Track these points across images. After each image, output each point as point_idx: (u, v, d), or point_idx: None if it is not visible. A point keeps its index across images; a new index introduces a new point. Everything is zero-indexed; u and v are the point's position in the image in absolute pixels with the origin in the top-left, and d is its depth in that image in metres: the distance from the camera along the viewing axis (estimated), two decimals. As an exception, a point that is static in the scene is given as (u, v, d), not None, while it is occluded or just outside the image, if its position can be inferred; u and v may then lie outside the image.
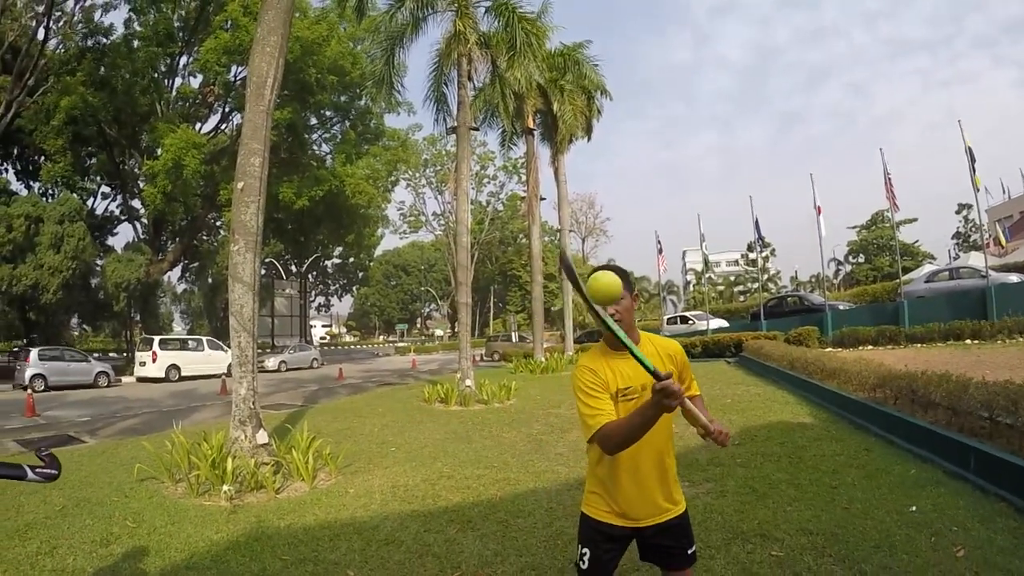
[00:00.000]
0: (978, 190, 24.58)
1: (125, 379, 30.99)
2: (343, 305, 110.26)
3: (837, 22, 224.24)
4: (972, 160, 23.29)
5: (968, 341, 20.48)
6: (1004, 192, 63.52)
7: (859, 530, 5.23)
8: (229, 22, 35.87)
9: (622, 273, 2.68)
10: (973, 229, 64.95)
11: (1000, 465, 5.96)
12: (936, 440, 7.27)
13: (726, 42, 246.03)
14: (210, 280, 54.70)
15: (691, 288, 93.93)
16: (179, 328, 78.27)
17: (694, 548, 2.79)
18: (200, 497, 7.36)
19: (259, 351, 31.40)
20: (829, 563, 4.62)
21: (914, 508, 5.67)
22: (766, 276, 77.86)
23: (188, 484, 7.64)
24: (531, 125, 28.77)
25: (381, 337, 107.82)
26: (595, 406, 2.55)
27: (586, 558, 2.74)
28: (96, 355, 37.17)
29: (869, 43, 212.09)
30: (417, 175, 63.70)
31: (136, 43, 37.91)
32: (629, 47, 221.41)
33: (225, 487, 7.28)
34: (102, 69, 36.59)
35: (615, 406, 2.59)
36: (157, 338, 31.60)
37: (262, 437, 8.88)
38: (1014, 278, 24.74)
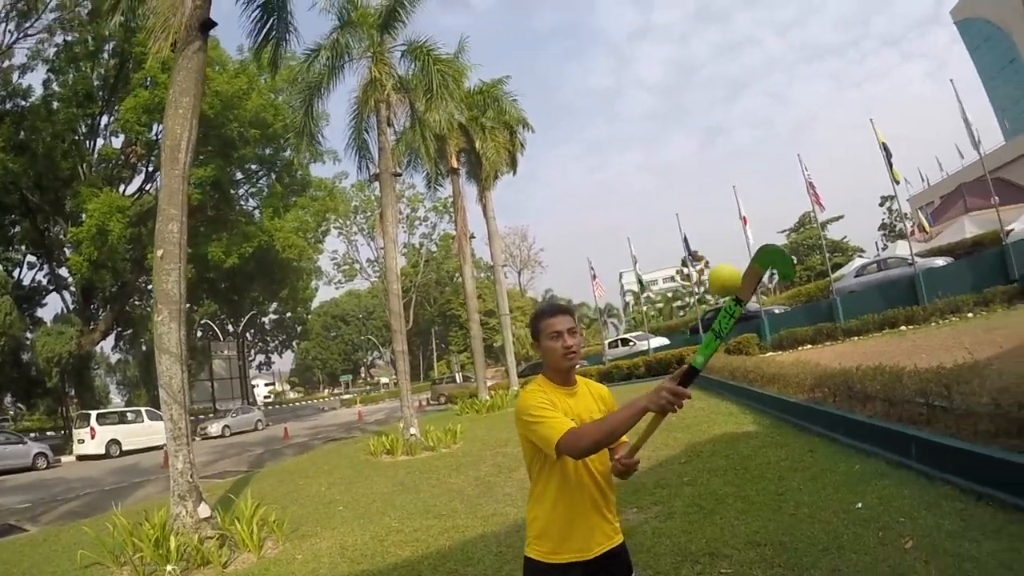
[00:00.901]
0: (897, 182, 25.31)
1: (64, 458, 29.73)
2: (284, 361, 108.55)
3: (750, 34, 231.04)
4: (888, 155, 23.99)
5: (903, 328, 20.90)
6: (923, 180, 65.76)
7: (807, 535, 5.21)
8: (148, 79, 34.95)
9: (573, 311, 2.81)
10: (897, 219, 66.68)
11: (940, 450, 6.01)
12: (877, 433, 7.31)
13: (645, 63, 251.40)
14: (144, 348, 53.30)
15: (630, 309, 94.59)
16: (117, 400, 75.97)
17: (634, 574, 2.77)
18: None
19: (201, 417, 30.72)
20: (779, 573, 4.59)
21: (860, 504, 5.68)
22: (703, 289, 78.84)
23: (133, 567, 7.38)
24: (455, 165, 28.83)
25: (326, 391, 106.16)
26: (554, 415, 2.51)
27: None
28: (33, 435, 35.97)
29: (783, 51, 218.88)
30: (348, 223, 63.12)
31: (55, 104, 36.83)
32: (551, 76, 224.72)
33: (169, 567, 7.10)
34: (21, 133, 35.42)
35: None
36: (94, 413, 30.55)
37: (204, 511, 8.60)
38: (940, 261, 25.38)
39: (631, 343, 38.07)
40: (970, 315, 19.67)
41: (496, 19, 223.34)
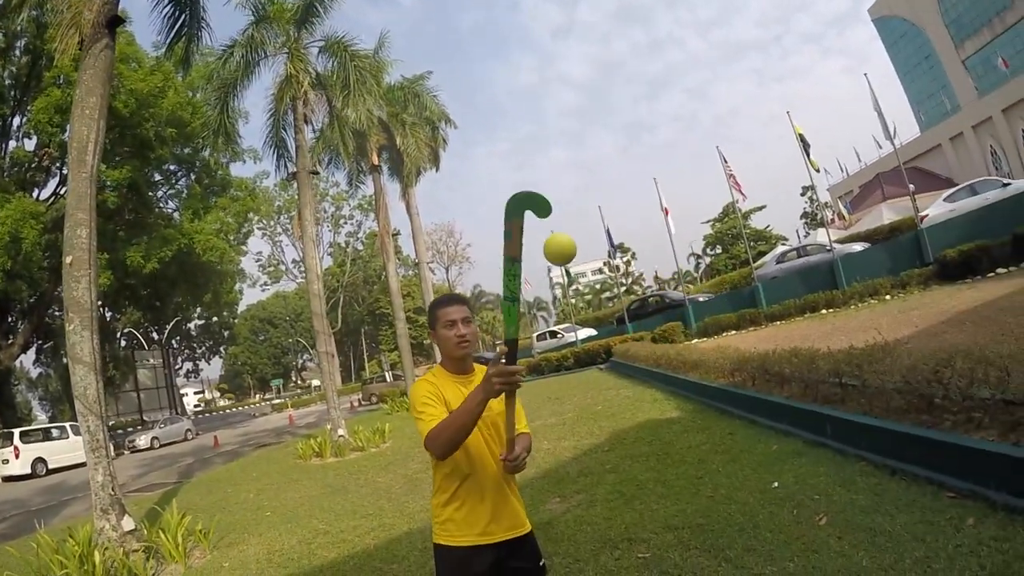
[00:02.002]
0: (817, 171, 25.90)
1: (-11, 480, 28.63)
2: (213, 368, 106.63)
3: (672, 33, 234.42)
4: (806, 146, 24.57)
5: (824, 311, 21.37)
6: (843, 171, 67.73)
7: (723, 516, 5.26)
8: (61, 77, 33.52)
9: (468, 301, 2.87)
10: (818, 208, 68.39)
11: (854, 427, 6.14)
12: (793, 413, 7.44)
13: (569, 61, 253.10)
14: (65, 360, 51.68)
15: (559, 302, 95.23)
16: (40, 416, 73.84)
17: (543, 562, 2.80)
18: None
19: (129, 429, 29.87)
20: (695, 555, 4.61)
21: (776, 484, 5.76)
22: (630, 279, 79.83)
23: (59, 586, 7.15)
24: (376, 162, 28.55)
25: (257, 396, 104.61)
26: (430, 412, 2.52)
27: None
28: (-48, 456, 34.51)
29: (704, 49, 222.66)
30: (271, 223, 62.43)
31: None
32: (475, 73, 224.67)
33: (96, 583, 6.85)
34: (-74, 133, 33.96)
35: None
36: (17, 431, 29.14)
37: (128, 523, 8.41)
38: (858, 247, 26.03)
39: (559, 335, 38.29)
40: (888, 297, 20.22)
41: (420, 16, 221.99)
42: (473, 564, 2.60)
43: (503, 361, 2.27)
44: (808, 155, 24.73)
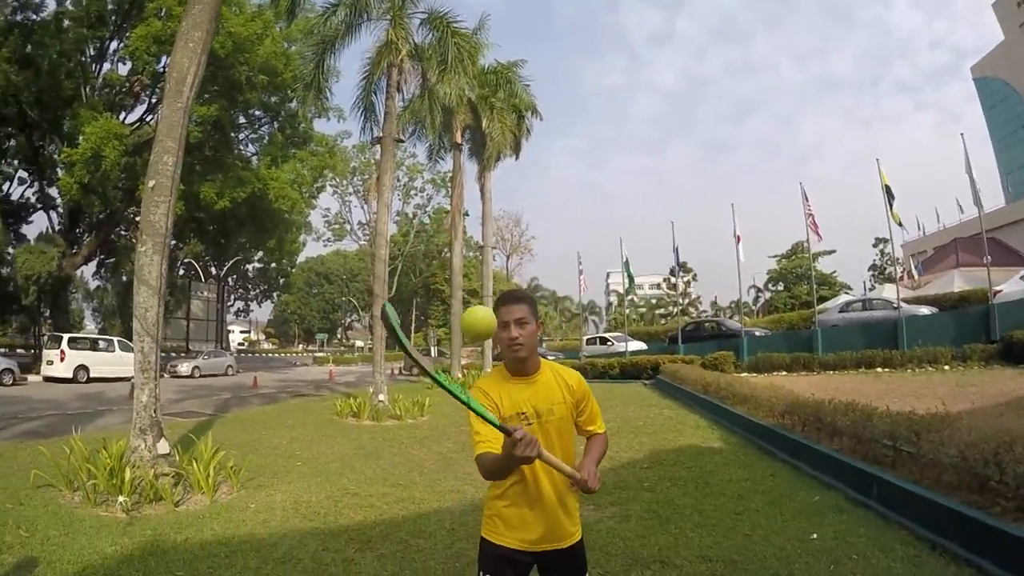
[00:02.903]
0: (900, 224, 25.39)
1: (31, 378, 29.45)
2: (263, 311, 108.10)
3: (768, 57, 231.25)
4: (890, 197, 24.05)
5: (879, 369, 21.04)
6: (919, 228, 66.10)
7: (759, 557, 5.22)
8: (163, 10, 34.23)
9: (529, 300, 2.69)
10: (889, 262, 67.04)
11: (902, 494, 6.05)
12: (840, 467, 7.34)
13: (660, 69, 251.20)
14: (124, 278, 52.42)
15: (613, 309, 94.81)
16: (91, 326, 75.04)
17: None
18: (97, 507, 7.01)
19: (173, 355, 30.47)
20: (727, 592, 4.57)
21: (815, 535, 5.69)
22: (687, 300, 79.11)
23: (85, 493, 7.26)
24: (459, 140, 28.73)
25: (300, 346, 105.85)
26: (481, 431, 2.46)
27: None
28: (2, 350, 35.66)
29: (797, 79, 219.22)
30: (344, 183, 62.83)
31: (67, 23, 35.94)
32: (562, 66, 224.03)
33: (121, 498, 6.99)
34: (28, 47, 34.87)
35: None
36: (66, 336, 30.18)
37: (163, 447, 8.51)
38: (924, 310, 25.53)
39: (609, 342, 38.19)
40: (946, 367, 19.82)
41: (518, 3, 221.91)
42: (510, 565, 2.62)
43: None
44: (891, 206, 24.25)
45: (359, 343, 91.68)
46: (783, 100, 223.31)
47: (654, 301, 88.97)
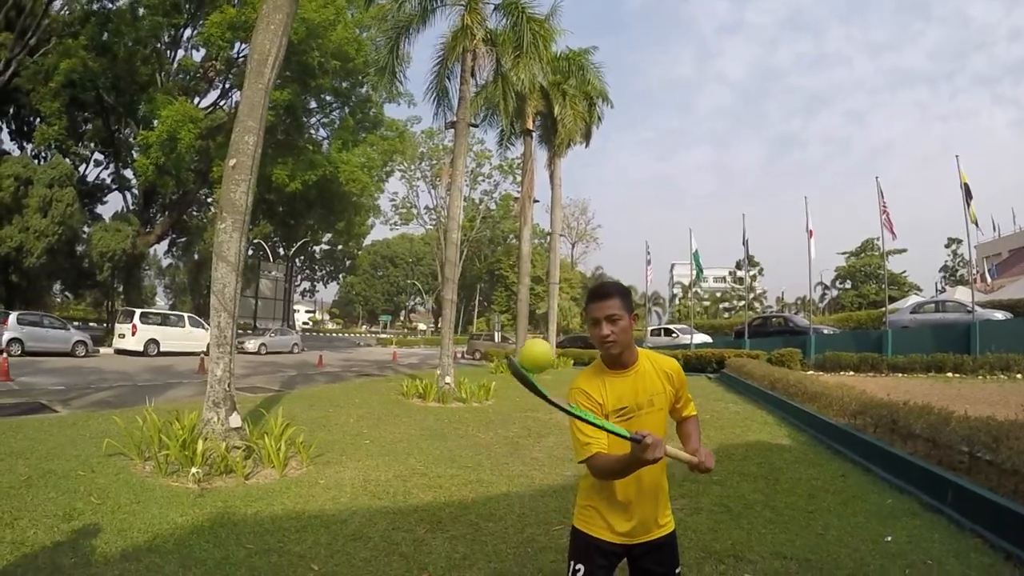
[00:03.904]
0: (976, 224, 24.74)
1: (103, 350, 30.37)
2: (328, 292, 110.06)
3: (841, 50, 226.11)
4: (968, 195, 23.44)
5: (949, 374, 20.58)
6: (995, 229, 64.12)
7: (833, 557, 5.18)
8: None
9: (621, 292, 2.63)
10: (961, 264, 65.33)
11: (978, 501, 5.93)
12: (914, 471, 7.23)
13: (729, 60, 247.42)
14: (196, 256, 54.17)
15: (677, 301, 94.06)
16: (161, 303, 77.22)
17: (679, 569, 2.76)
18: (168, 477, 7.14)
19: (240, 332, 30.97)
20: (802, 590, 4.56)
21: (889, 538, 5.63)
22: (752, 295, 78.11)
23: (157, 463, 7.42)
24: (530, 127, 28.70)
25: (364, 327, 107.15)
26: (588, 433, 2.47)
27: (580, 574, 2.66)
28: (76, 324, 36.68)
29: (870, 73, 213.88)
30: (412, 167, 63.33)
31: (141, 11, 37.03)
32: (631, 56, 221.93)
33: (194, 469, 7.08)
34: (105, 34, 35.92)
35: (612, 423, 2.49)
36: (138, 311, 30.92)
37: (235, 420, 8.70)
38: (999, 315, 24.87)
39: (674, 334, 37.93)
40: (1019, 376, 19.29)
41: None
42: (601, 555, 2.63)
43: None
44: (969, 206, 23.64)
45: (422, 326, 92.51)
46: (856, 95, 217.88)
47: (718, 294, 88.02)
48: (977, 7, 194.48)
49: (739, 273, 51.48)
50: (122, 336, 29.89)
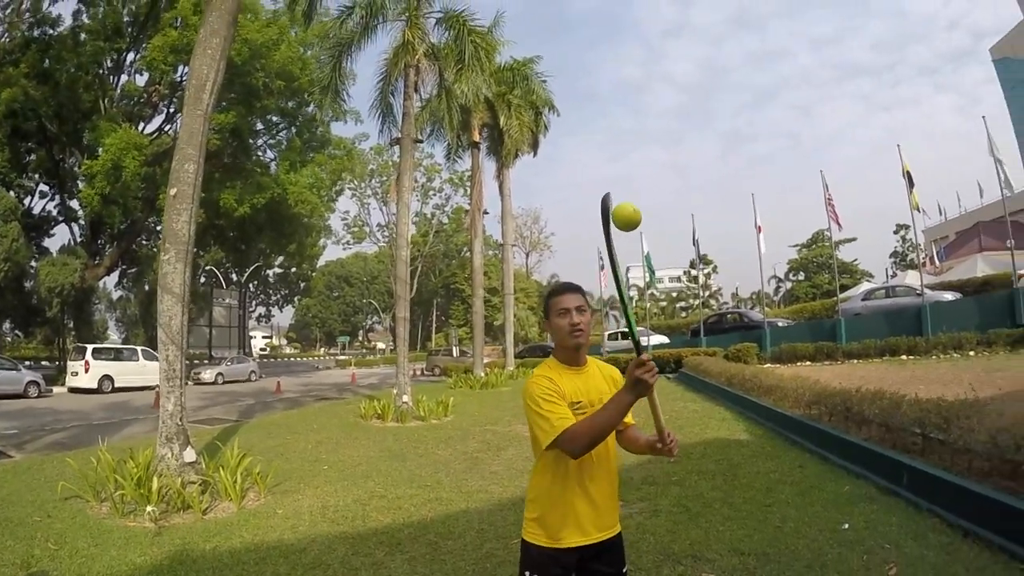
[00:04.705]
0: (919, 211, 25.24)
1: (56, 389, 29.50)
2: (284, 316, 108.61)
3: (785, 45, 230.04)
4: (910, 183, 23.93)
5: (904, 357, 20.94)
6: (941, 213, 65.47)
7: (791, 549, 5.21)
8: (179, 19, 34.69)
9: (583, 289, 2.78)
10: (910, 248, 66.48)
11: (932, 481, 6.00)
12: (870, 457, 7.30)
13: (677, 60, 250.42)
14: (147, 287, 52.88)
15: (633, 304, 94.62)
16: (114, 336, 75.63)
17: (626, 569, 2.78)
18: (125, 518, 7.03)
19: (196, 362, 30.53)
20: (760, 584, 4.56)
21: (847, 525, 5.68)
22: (708, 293, 78.90)
23: (113, 504, 7.28)
24: (477, 139, 28.77)
25: (322, 349, 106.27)
26: (556, 410, 2.50)
27: None
28: (27, 363, 35.82)
29: (815, 66, 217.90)
30: (362, 185, 62.99)
31: (83, 36, 36.48)
32: (578, 61, 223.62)
33: (149, 508, 6.99)
34: (47, 61, 35.22)
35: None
36: (90, 347, 30.18)
37: (190, 455, 8.54)
38: (948, 296, 25.34)
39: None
40: (972, 353, 19.69)
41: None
42: (556, 565, 2.61)
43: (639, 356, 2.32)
44: (912, 192, 24.13)
45: (380, 345, 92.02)
46: (802, 89, 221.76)
47: (674, 294, 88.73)
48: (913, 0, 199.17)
49: (693, 272, 51.97)
50: (75, 374, 29.08)
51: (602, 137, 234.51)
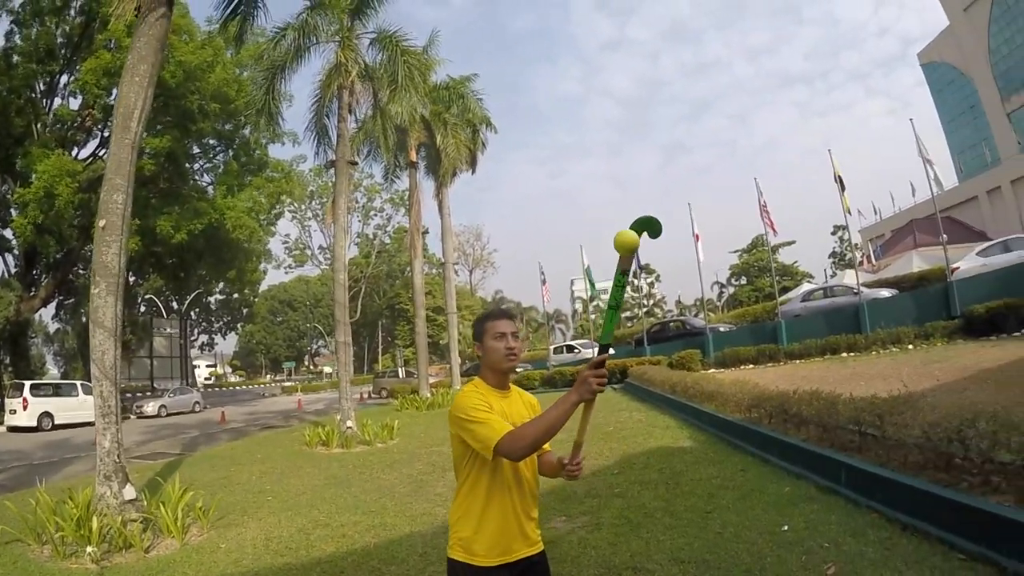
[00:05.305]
0: (849, 213, 25.82)
1: (-6, 429, 28.77)
2: (228, 344, 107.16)
3: (720, 56, 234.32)
4: (842, 186, 24.50)
5: (844, 354, 21.29)
6: (876, 213, 67.25)
7: (731, 554, 5.22)
8: (112, 41, 33.74)
9: (514, 316, 2.94)
10: (848, 249, 67.93)
11: (869, 478, 6.08)
12: (808, 457, 7.38)
13: (615, 74, 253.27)
14: (84, 319, 51.39)
15: (579, 316, 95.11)
16: (53, 371, 74.00)
17: None
18: (67, 560, 6.91)
19: (138, 395, 29.81)
20: (700, 592, 4.56)
21: (786, 527, 5.71)
22: (652, 301, 79.61)
23: (54, 546, 7.13)
24: (414, 158, 28.71)
25: (268, 376, 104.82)
26: (492, 419, 2.52)
27: None
28: (-39, 402, 34.66)
29: (750, 76, 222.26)
30: (303, 207, 62.49)
31: (16, 58, 35.43)
32: (519, 78, 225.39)
33: (90, 549, 6.86)
34: (-24, 85, 34.13)
35: None
36: (28, 383, 29.18)
37: (129, 492, 8.36)
38: (885, 293, 25.82)
39: (576, 350, 38.21)
40: (910, 347, 20.10)
41: (473, 16, 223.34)
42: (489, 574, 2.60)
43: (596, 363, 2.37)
44: (843, 195, 24.69)
45: (327, 369, 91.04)
46: (738, 98, 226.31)
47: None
48: (844, 8, 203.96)
49: (636, 282, 52.36)
50: (13, 412, 28.02)
51: (544, 152, 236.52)
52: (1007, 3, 55.53)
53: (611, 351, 2.49)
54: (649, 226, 2.38)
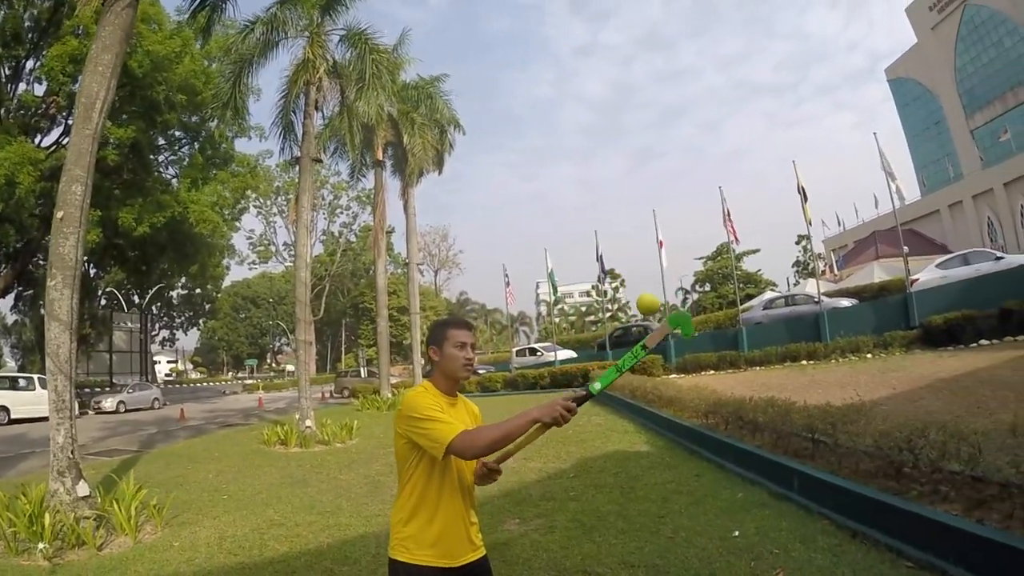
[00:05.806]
0: (810, 223, 26.19)
1: (-51, 423, 28.08)
2: (189, 339, 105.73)
3: (692, 64, 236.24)
4: (804, 197, 24.81)
5: (804, 362, 21.55)
6: (839, 223, 68.29)
7: (681, 560, 5.24)
8: (80, 28, 32.96)
9: (474, 327, 3.04)
10: (811, 258, 68.78)
11: (821, 485, 6.15)
12: (762, 463, 7.44)
13: (587, 79, 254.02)
14: (43, 311, 50.88)
15: (543, 319, 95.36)
16: (10, 364, 72.66)
17: None
18: (19, 556, 6.81)
19: (97, 390, 29.33)
20: (648, 596, 4.56)
21: (737, 533, 5.75)
22: (616, 306, 79.94)
23: (6, 542, 7.03)
24: (380, 157, 28.57)
25: (230, 374, 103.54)
26: (446, 418, 2.57)
27: None
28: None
29: (721, 85, 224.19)
30: (268, 203, 61.99)
31: None
32: (492, 81, 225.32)
33: (41, 545, 6.75)
34: (-63, 68, 33.28)
35: None
36: (-17, 376, 28.82)
37: (83, 489, 8.22)
38: (845, 302, 26.17)
39: (539, 353, 38.19)
40: (869, 356, 20.38)
41: (448, 16, 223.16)
42: None
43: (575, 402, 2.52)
44: (805, 206, 25.00)
45: (290, 367, 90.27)
46: (708, 107, 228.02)
47: (584, 308, 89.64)
48: (814, 23, 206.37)
49: (600, 287, 52.65)
50: (-32, 406, 27.59)
51: (516, 156, 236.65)
52: (974, 23, 56.74)
53: (593, 395, 2.64)
54: (683, 323, 2.66)
